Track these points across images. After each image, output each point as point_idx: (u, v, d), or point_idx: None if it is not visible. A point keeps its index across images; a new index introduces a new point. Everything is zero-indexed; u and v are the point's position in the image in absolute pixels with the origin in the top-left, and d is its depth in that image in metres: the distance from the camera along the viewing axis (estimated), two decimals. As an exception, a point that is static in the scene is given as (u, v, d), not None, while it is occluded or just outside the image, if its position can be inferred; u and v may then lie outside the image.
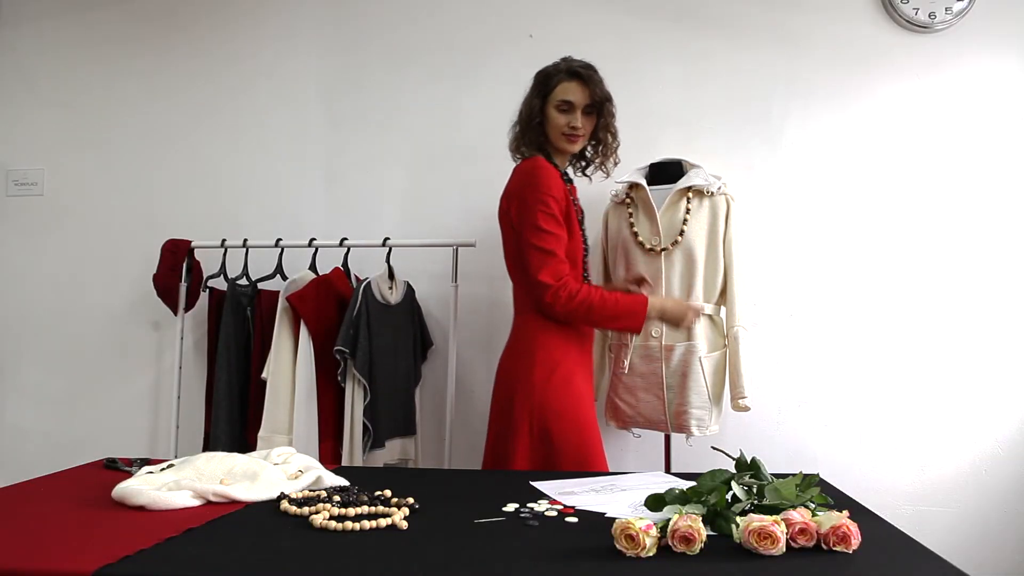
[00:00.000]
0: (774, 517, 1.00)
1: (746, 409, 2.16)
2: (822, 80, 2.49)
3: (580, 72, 1.89)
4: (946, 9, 2.39)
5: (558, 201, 1.82)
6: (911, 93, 2.45)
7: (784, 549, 0.98)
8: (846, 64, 2.47)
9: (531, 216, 1.81)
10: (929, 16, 2.40)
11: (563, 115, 1.89)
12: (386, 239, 2.36)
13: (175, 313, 2.50)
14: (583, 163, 2.04)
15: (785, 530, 0.99)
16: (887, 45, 2.45)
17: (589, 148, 2.00)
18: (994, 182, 2.41)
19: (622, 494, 1.30)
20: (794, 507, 1.06)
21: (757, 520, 0.98)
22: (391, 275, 2.35)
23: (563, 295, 1.77)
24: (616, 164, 2.02)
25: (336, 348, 2.17)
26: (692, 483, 1.11)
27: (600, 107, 1.92)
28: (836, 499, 1.29)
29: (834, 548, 0.99)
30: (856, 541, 0.99)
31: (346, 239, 2.38)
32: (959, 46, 2.43)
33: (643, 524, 0.97)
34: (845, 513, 1.03)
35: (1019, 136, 2.40)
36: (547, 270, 1.78)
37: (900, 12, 2.41)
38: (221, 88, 2.71)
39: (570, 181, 1.99)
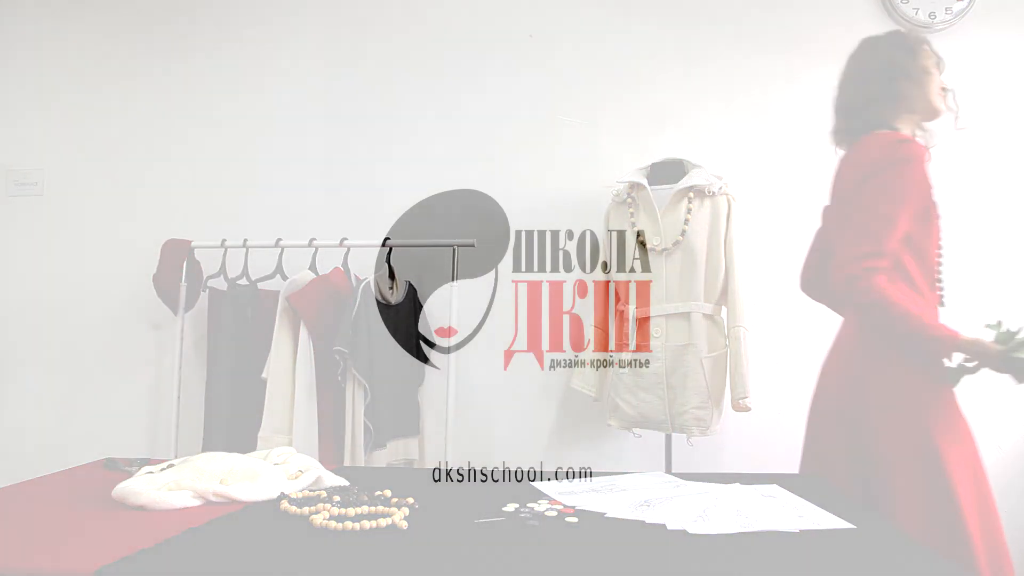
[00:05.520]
0: None
1: (747, 409, 2.16)
2: (822, 80, 2.47)
3: None
4: (946, 9, 2.39)
5: None
6: (911, 93, 2.44)
7: None
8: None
9: None
10: (929, 16, 2.40)
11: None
12: (386, 239, 2.35)
13: (175, 313, 2.50)
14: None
15: None
16: (887, 45, 2.45)
17: None
18: (995, 183, 2.40)
19: (622, 494, 1.29)
20: None
21: None
22: (391, 275, 2.35)
23: None
24: None
25: (335, 348, 2.17)
26: (692, 483, 1.10)
27: None
28: (836, 499, 1.28)
29: None
30: None
31: (346, 239, 2.38)
32: (959, 46, 2.42)
33: None
34: None
35: (1020, 136, 2.40)
36: None
37: (900, 12, 2.41)
38: (221, 88, 2.71)
39: None
